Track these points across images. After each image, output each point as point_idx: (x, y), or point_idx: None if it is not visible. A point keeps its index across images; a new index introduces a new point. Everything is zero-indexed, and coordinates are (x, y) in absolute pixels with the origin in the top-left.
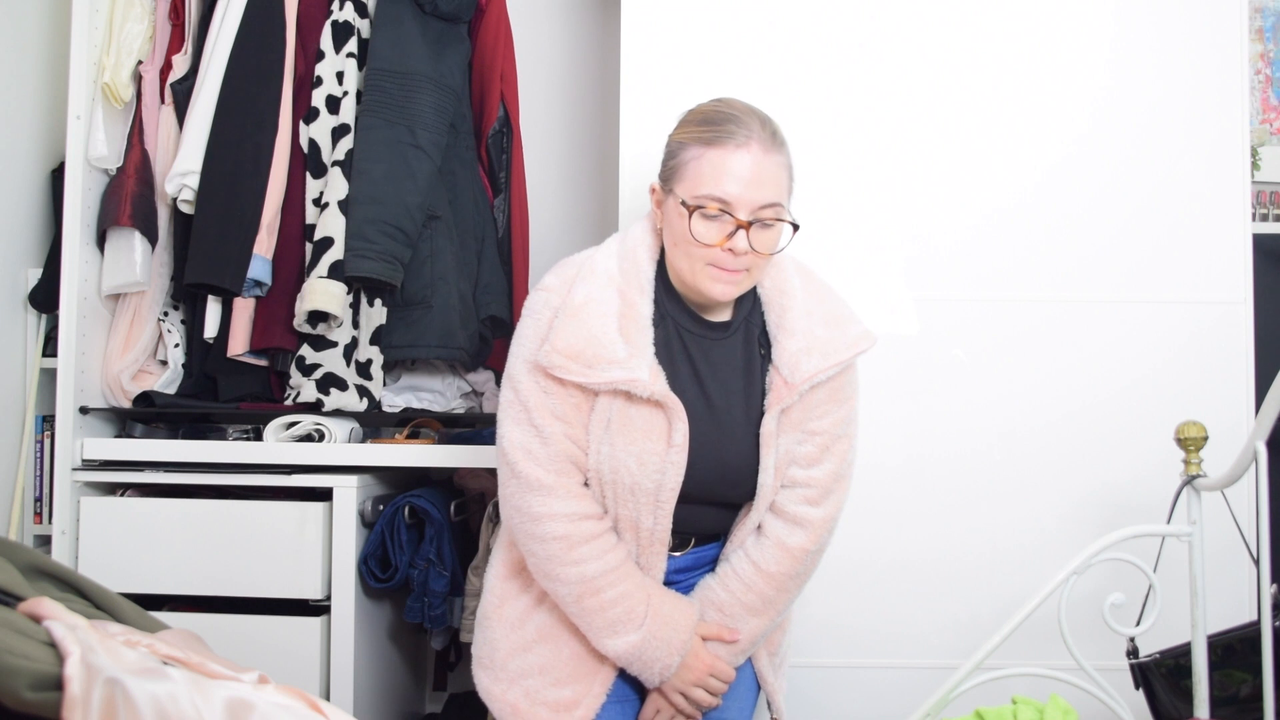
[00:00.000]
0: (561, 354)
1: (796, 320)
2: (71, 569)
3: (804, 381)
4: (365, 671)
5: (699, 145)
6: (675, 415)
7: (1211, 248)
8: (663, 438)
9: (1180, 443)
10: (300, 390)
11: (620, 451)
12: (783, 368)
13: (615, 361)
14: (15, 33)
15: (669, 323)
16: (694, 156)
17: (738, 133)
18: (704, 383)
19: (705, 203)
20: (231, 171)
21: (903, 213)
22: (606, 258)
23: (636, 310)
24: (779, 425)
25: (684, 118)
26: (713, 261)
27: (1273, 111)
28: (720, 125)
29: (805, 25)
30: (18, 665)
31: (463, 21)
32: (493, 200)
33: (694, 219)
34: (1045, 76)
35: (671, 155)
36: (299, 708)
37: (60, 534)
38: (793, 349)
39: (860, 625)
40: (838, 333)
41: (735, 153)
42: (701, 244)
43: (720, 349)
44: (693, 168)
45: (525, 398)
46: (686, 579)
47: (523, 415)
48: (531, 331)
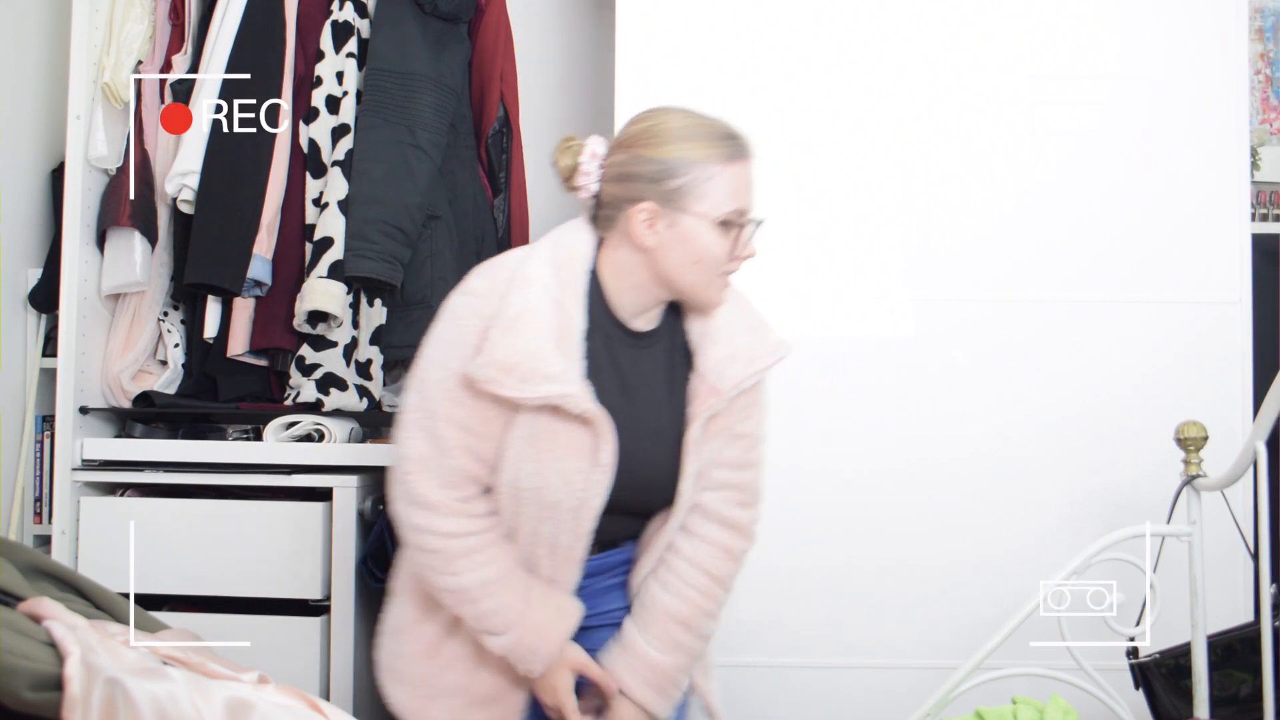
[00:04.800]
0: (496, 367)
1: (721, 328)
2: (71, 569)
3: (733, 388)
4: (365, 671)
5: (715, 163)
6: (603, 434)
7: (1211, 248)
8: (588, 456)
9: (1180, 443)
10: (300, 390)
11: (546, 468)
12: (709, 375)
13: (549, 376)
14: (15, 33)
15: (598, 333)
16: (713, 174)
17: (743, 147)
18: (630, 394)
19: (736, 218)
20: (231, 171)
21: (900, 213)
22: (540, 265)
23: (573, 323)
24: (704, 432)
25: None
26: (725, 271)
27: (1273, 111)
28: (730, 140)
29: (804, 25)
30: (18, 665)
31: (463, 21)
32: (493, 200)
33: (721, 236)
34: (1045, 77)
35: (676, 174)
36: (299, 708)
37: (60, 534)
38: (719, 356)
39: (860, 625)
40: (758, 340)
41: (747, 165)
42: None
43: (646, 358)
44: (716, 185)
45: (433, 405)
46: (593, 584)
47: (425, 423)
48: (452, 337)
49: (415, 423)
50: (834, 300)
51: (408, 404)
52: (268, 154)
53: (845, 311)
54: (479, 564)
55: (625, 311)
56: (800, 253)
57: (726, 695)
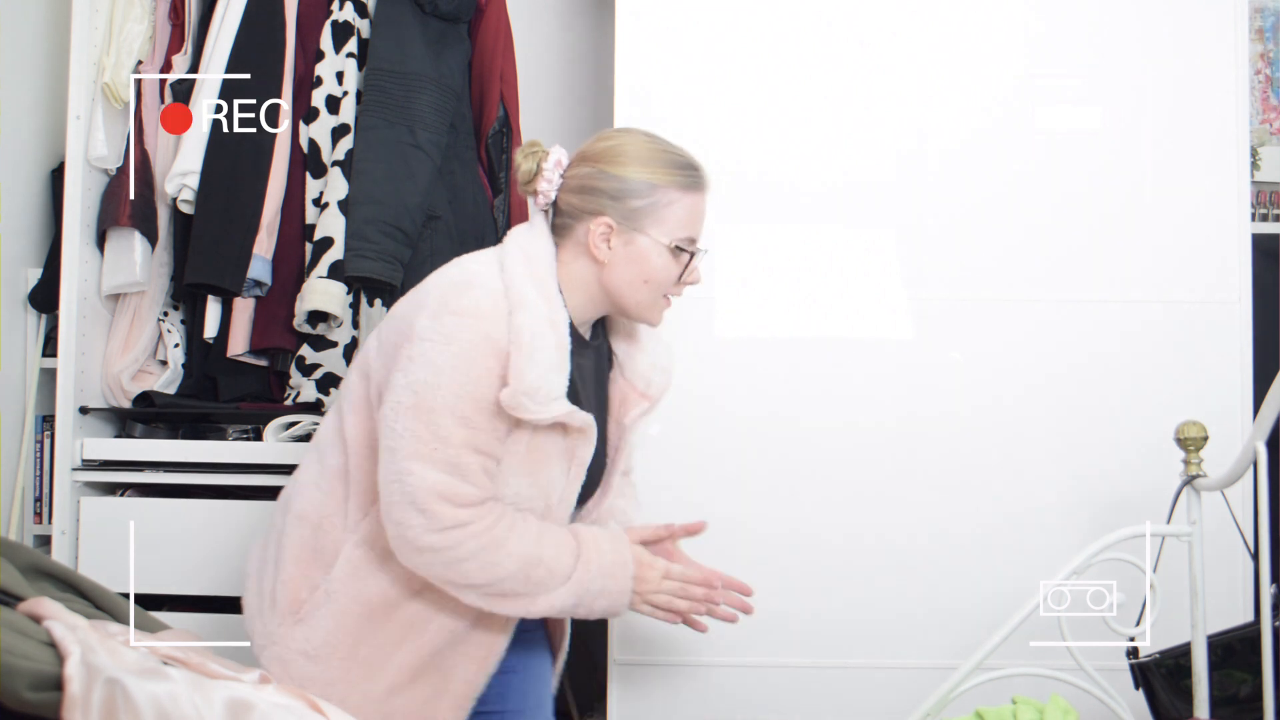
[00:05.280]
0: (525, 394)
1: (643, 337)
2: (71, 569)
3: (659, 394)
4: None
5: (675, 189)
6: (587, 439)
7: (1211, 248)
8: (567, 458)
9: (1180, 443)
10: (300, 390)
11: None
12: (638, 381)
13: (556, 396)
14: (15, 33)
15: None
16: (672, 200)
17: (702, 178)
18: (584, 396)
19: (688, 245)
20: (231, 171)
21: (897, 213)
22: (525, 283)
23: (565, 341)
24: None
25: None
26: (669, 293)
27: (1273, 111)
28: (691, 171)
29: (804, 25)
30: (18, 665)
31: (463, 21)
32: (493, 200)
33: (672, 260)
34: (1045, 77)
35: (637, 195)
36: (299, 708)
37: (60, 534)
38: (645, 364)
39: (860, 625)
40: (665, 351)
41: (704, 196)
42: (672, 282)
43: (589, 362)
44: (673, 211)
45: (445, 433)
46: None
47: (438, 453)
48: (460, 363)
49: (424, 455)
50: (833, 300)
51: (408, 434)
52: (268, 154)
53: (844, 311)
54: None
55: (577, 318)
56: (800, 253)
57: (727, 695)
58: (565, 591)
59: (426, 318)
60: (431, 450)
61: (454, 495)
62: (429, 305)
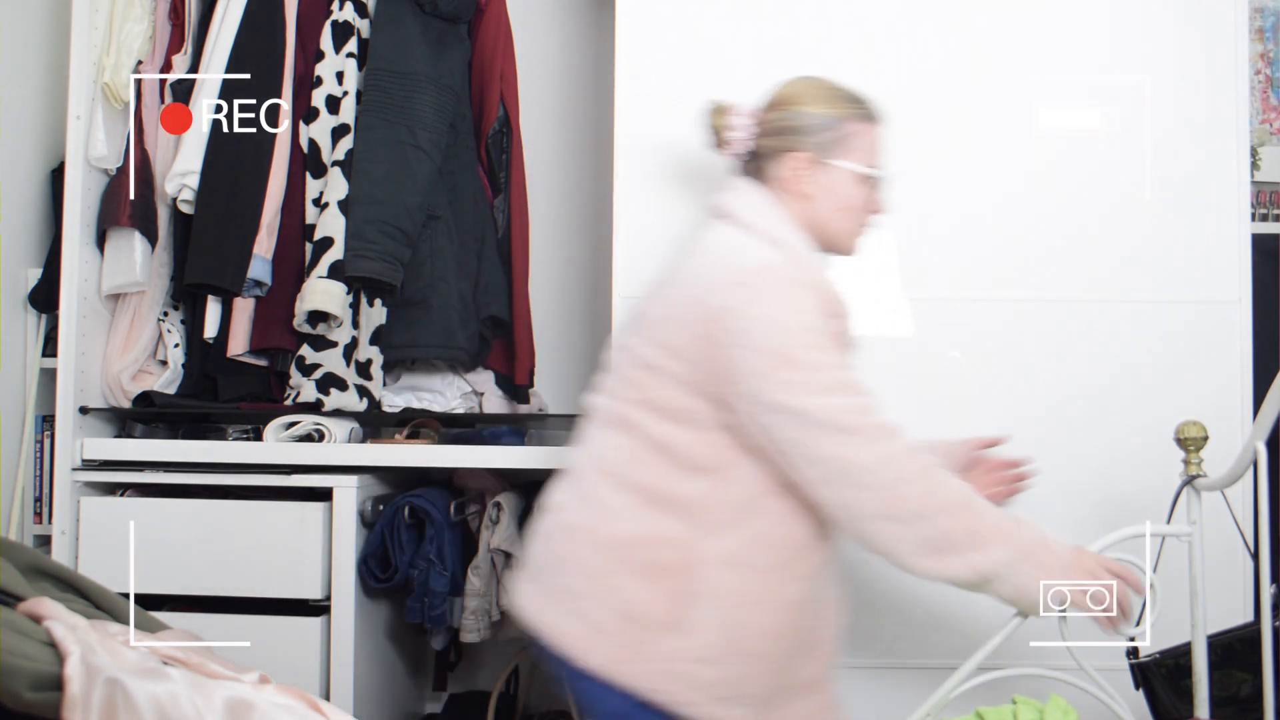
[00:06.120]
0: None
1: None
2: (71, 569)
3: None
4: (365, 672)
5: (860, 121)
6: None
7: (1210, 247)
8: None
9: (1180, 443)
10: (300, 390)
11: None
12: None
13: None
14: (15, 32)
15: None
16: (860, 130)
17: (877, 111)
18: None
19: (880, 171)
20: (231, 171)
21: (899, 213)
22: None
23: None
24: None
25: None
26: (866, 221)
27: (1273, 111)
28: (866, 104)
29: (804, 26)
30: (18, 665)
31: (463, 21)
32: (493, 200)
33: (864, 186)
34: (1045, 76)
35: (826, 128)
36: (299, 708)
37: (60, 534)
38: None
39: (860, 625)
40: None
41: (880, 127)
42: (866, 209)
43: None
44: (862, 140)
45: (820, 361)
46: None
47: (826, 381)
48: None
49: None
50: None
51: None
52: (268, 154)
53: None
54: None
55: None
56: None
57: None
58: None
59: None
60: (818, 383)
61: (867, 406)
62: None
